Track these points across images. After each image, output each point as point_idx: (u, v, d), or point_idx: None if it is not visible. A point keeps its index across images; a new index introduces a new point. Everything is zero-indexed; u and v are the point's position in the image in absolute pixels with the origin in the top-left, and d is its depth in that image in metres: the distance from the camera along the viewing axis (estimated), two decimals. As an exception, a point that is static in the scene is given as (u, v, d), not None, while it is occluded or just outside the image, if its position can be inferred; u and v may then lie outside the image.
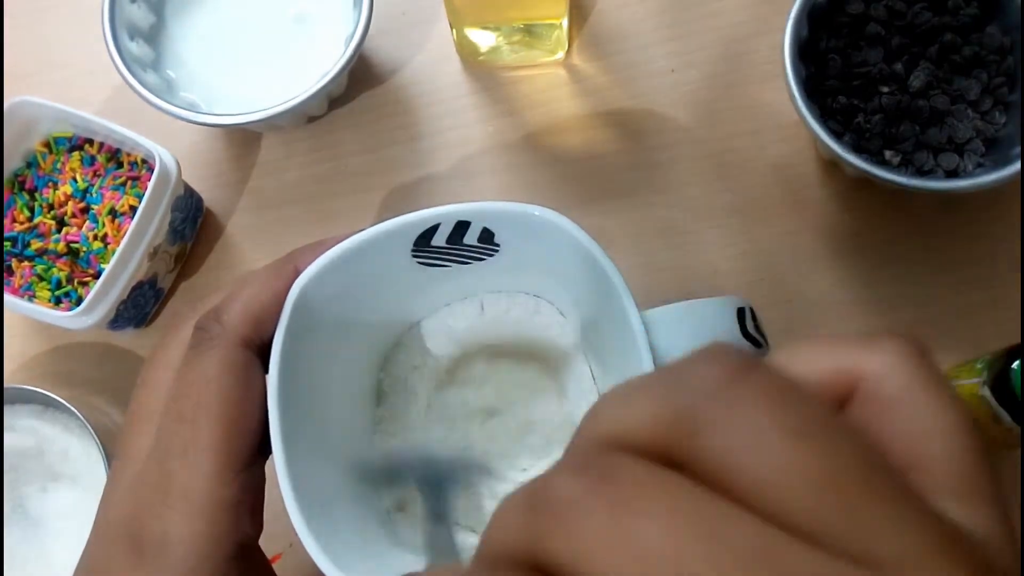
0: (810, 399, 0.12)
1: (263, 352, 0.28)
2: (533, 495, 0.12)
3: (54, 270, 0.43)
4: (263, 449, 0.27)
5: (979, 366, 0.35)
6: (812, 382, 0.14)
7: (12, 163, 0.44)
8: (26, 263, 0.43)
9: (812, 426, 0.12)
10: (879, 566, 0.11)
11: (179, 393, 0.26)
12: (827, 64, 0.42)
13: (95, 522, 0.27)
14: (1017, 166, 0.38)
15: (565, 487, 0.12)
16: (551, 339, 0.35)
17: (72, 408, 0.41)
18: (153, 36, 0.46)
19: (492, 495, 0.33)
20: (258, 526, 0.27)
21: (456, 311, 0.36)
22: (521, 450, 0.34)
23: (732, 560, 0.10)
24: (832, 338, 0.14)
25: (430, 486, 0.30)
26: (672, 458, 0.12)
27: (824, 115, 0.41)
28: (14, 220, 0.43)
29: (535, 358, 0.35)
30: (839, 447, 0.12)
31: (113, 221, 0.43)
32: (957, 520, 0.12)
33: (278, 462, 0.26)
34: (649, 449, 0.12)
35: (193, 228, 0.46)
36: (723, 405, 0.12)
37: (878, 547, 0.11)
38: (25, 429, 0.43)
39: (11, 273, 0.43)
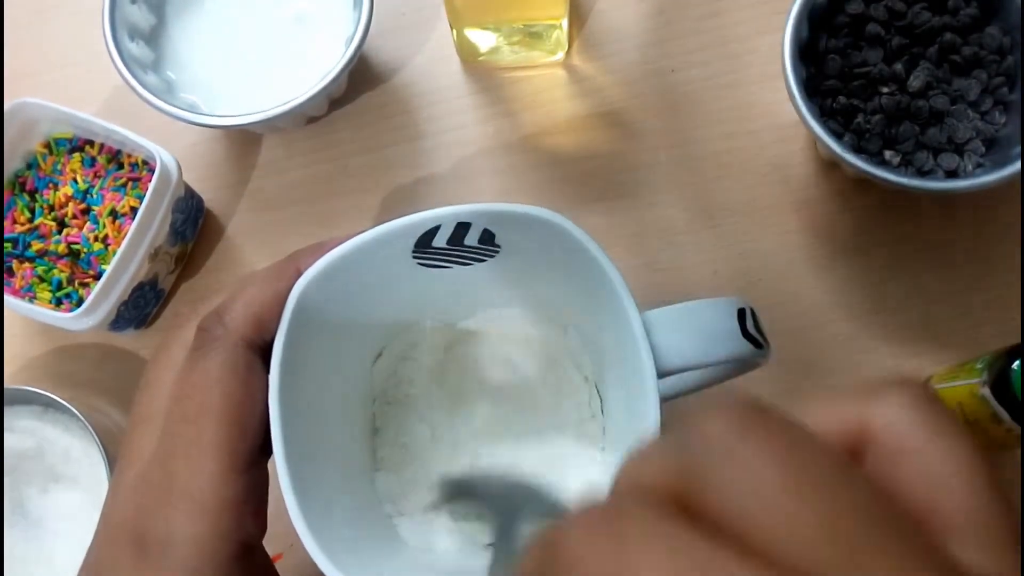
0: (817, 448, 0.12)
1: (265, 353, 0.28)
2: (547, 547, 0.13)
3: (55, 271, 0.43)
4: (266, 449, 0.27)
5: (979, 366, 0.35)
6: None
7: (13, 164, 0.44)
8: (27, 264, 0.43)
9: (816, 477, 0.12)
10: None
11: (182, 394, 0.26)
12: (827, 64, 0.42)
13: (99, 522, 0.27)
14: (1017, 166, 0.38)
15: (574, 542, 0.12)
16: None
17: (73, 409, 0.41)
18: (153, 37, 0.46)
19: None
20: (262, 526, 0.27)
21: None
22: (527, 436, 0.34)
23: None
24: (837, 393, 0.14)
25: (502, 514, 0.29)
26: (687, 509, 0.12)
27: (824, 115, 0.41)
28: (15, 221, 0.43)
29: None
30: (843, 497, 0.12)
31: (114, 222, 0.43)
32: (974, 566, 0.12)
33: (278, 462, 0.26)
34: (663, 500, 0.13)
35: (194, 229, 0.46)
36: (729, 461, 0.12)
37: None
38: (25, 430, 0.43)
39: (12, 274, 0.43)
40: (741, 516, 0.12)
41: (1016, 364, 0.32)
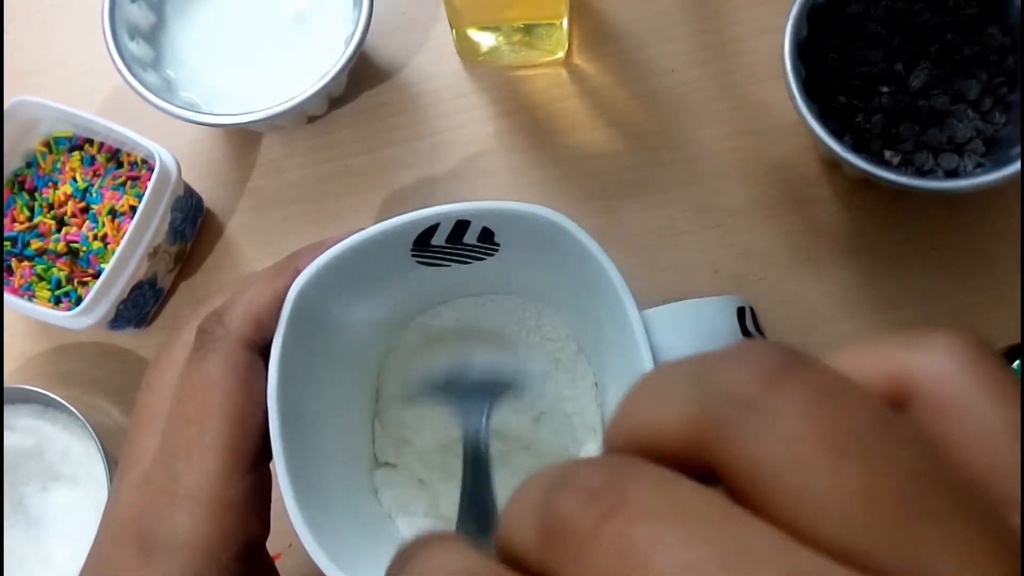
0: (861, 403, 0.11)
1: (266, 353, 0.28)
2: (545, 508, 0.11)
3: (54, 270, 0.43)
4: (268, 450, 0.27)
5: (979, 366, 0.35)
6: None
7: (12, 163, 0.44)
8: (26, 263, 0.43)
9: (859, 436, 0.10)
10: None
11: (183, 395, 0.26)
12: (827, 64, 0.42)
13: (102, 522, 0.27)
14: (1017, 166, 0.38)
15: (577, 511, 0.11)
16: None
17: (72, 408, 0.41)
18: (153, 36, 0.46)
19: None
20: (265, 527, 0.27)
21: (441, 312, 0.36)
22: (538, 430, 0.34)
23: None
24: (875, 339, 0.13)
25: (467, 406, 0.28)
26: (704, 463, 0.11)
27: (824, 115, 0.41)
28: (14, 220, 0.43)
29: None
30: (890, 459, 0.10)
31: (113, 221, 0.43)
32: None
33: (277, 461, 0.26)
34: (679, 453, 0.11)
35: (193, 228, 0.46)
36: (759, 414, 0.11)
37: (930, 569, 0.10)
38: (25, 429, 0.43)
39: (11, 273, 0.43)
40: (772, 484, 0.10)
41: (1016, 364, 0.32)
